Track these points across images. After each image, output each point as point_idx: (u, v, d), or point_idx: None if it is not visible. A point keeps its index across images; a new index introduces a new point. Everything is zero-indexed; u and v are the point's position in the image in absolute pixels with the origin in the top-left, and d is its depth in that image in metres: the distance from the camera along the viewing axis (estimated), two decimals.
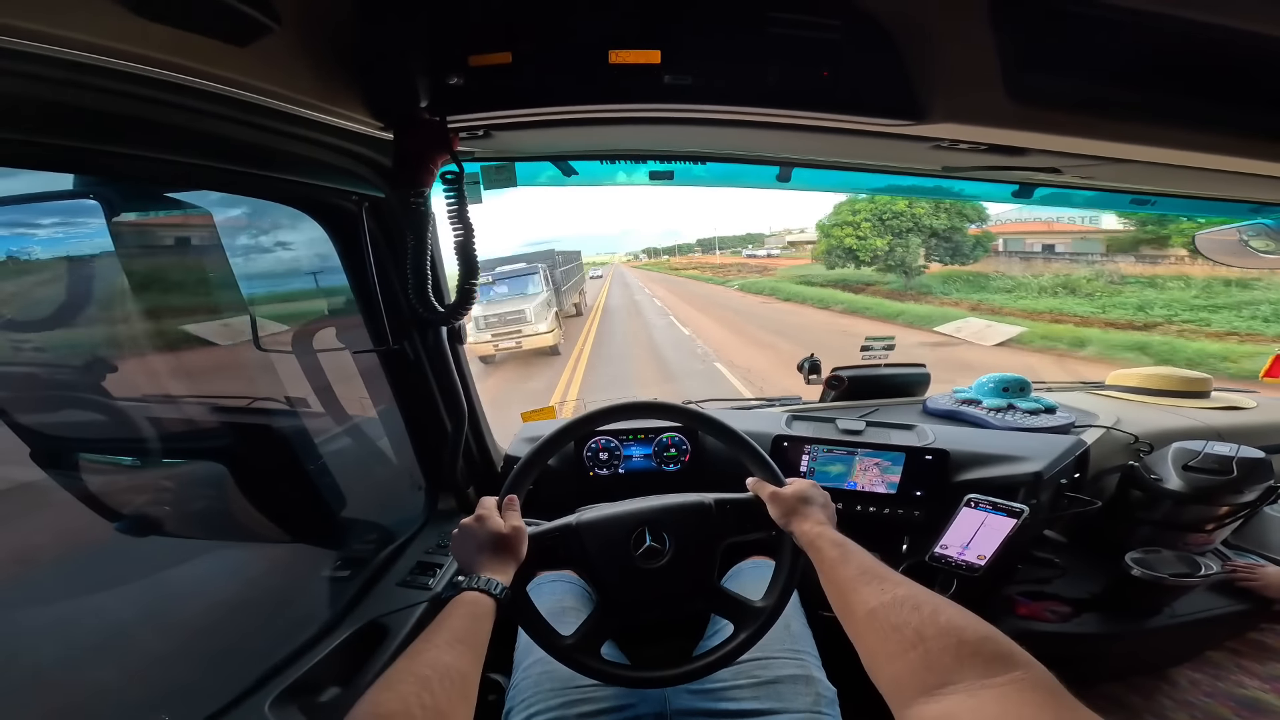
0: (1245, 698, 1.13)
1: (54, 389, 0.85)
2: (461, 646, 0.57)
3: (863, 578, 0.58)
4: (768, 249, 67.04)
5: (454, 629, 0.59)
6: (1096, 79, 0.65)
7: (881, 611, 0.52)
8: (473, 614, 0.62)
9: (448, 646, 0.56)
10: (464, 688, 0.54)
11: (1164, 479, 1.17)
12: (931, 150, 0.83)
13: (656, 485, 1.30)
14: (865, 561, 0.61)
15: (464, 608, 0.62)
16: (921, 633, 0.47)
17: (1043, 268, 18.19)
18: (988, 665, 0.42)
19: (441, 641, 0.56)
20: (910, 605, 0.50)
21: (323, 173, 0.77)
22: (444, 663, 0.53)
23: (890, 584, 0.55)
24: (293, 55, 0.54)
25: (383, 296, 0.95)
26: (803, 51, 0.63)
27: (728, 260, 62.54)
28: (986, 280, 17.23)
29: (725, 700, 0.79)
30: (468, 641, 0.58)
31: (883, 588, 0.55)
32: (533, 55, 0.63)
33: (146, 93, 0.50)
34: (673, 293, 25.58)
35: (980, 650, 0.43)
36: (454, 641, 0.57)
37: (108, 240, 0.77)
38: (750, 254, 65.40)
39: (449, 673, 0.53)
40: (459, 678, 0.53)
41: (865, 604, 0.54)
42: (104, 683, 0.70)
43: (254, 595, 0.98)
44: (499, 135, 0.86)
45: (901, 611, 0.50)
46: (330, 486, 1.07)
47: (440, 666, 0.53)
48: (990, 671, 0.41)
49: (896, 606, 0.51)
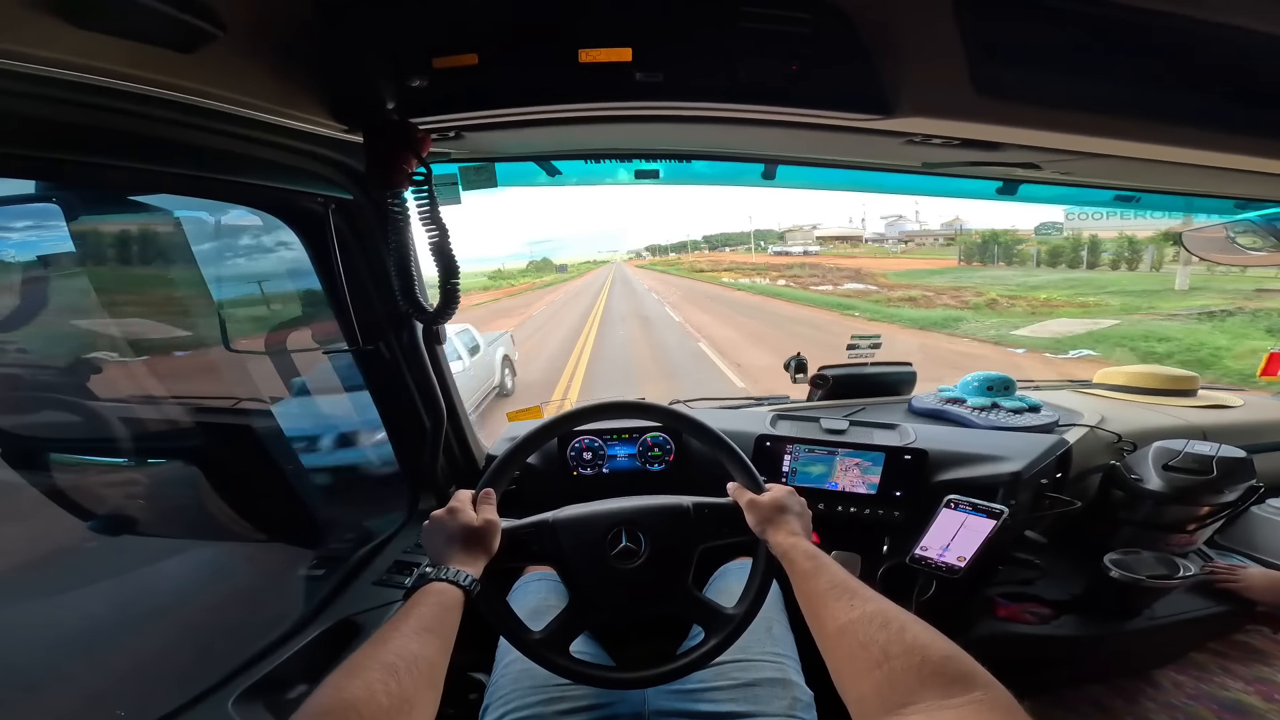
0: (1228, 700, 1.13)
1: (22, 389, 0.85)
2: (429, 635, 0.56)
3: (834, 592, 0.58)
4: (804, 246, 57.16)
5: (422, 617, 0.58)
6: (1065, 73, 0.64)
7: (850, 628, 0.51)
8: (440, 604, 0.61)
9: (415, 635, 0.55)
10: (431, 676, 0.53)
11: (1144, 479, 1.17)
12: (906, 146, 0.82)
13: (641, 485, 1.30)
14: (837, 576, 0.61)
15: (432, 597, 0.61)
16: (887, 650, 0.46)
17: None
18: (949, 686, 0.42)
19: (409, 630, 0.56)
20: (879, 622, 0.50)
21: (287, 176, 0.76)
22: (411, 651, 0.53)
23: (860, 599, 0.55)
24: (244, 60, 0.54)
25: (352, 297, 0.95)
26: (771, 46, 0.63)
27: (777, 260, 46.26)
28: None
29: (703, 701, 0.78)
30: (435, 630, 0.58)
31: (853, 603, 0.54)
32: (500, 56, 0.63)
33: (99, 101, 0.50)
34: (743, 334, 11.12)
35: (943, 670, 0.43)
36: (421, 630, 0.56)
37: (69, 242, 0.77)
38: (780, 251, 55.95)
39: (416, 661, 0.52)
40: (427, 666, 0.53)
41: (835, 619, 0.54)
42: (66, 679, 0.70)
43: (225, 593, 0.98)
44: (472, 136, 0.85)
45: (869, 628, 0.50)
46: (307, 486, 1.07)
47: (407, 654, 0.52)
48: (950, 692, 0.41)
49: (865, 623, 0.51)
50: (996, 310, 13.43)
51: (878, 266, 30.58)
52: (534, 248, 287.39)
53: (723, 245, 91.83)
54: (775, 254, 53.88)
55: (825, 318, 13.56)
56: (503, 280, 51.57)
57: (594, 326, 13.10)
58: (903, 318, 12.75)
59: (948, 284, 19.51)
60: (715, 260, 61.36)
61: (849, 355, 1.62)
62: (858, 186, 1.30)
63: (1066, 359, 8.14)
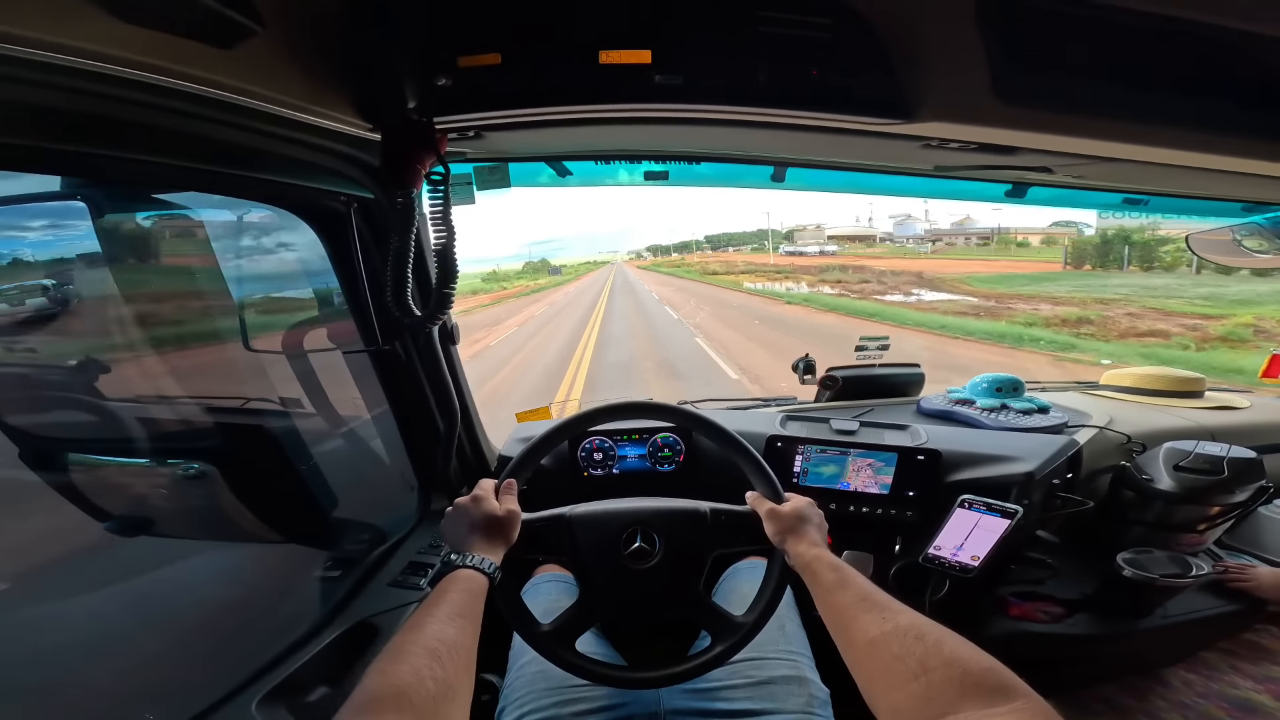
0: (1239, 699, 1.13)
1: (43, 389, 0.85)
2: (462, 620, 0.56)
3: (862, 605, 0.58)
4: (819, 245, 52.83)
5: (454, 603, 0.58)
6: (1084, 78, 0.65)
7: (883, 641, 0.52)
8: (470, 590, 0.61)
9: (449, 620, 0.55)
10: (468, 662, 0.54)
11: (1155, 479, 1.17)
12: (922, 149, 0.83)
13: (651, 485, 1.30)
14: (864, 588, 0.61)
15: (461, 583, 0.62)
16: (925, 663, 0.47)
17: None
18: (989, 696, 0.42)
19: (443, 615, 0.56)
20: (914, 636, 0.50)
21: (310, 174, 0.77)
22: (449, 636, 0.53)
23: (891, 613, 0.55)
24: (277, 57, 0.55)
25: (372, 297, 0.95)
26: (792, 51, 0.63)
27: (796, 261, 41.01)
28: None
29: (719, 700, 0.79)
30: (467, 616, 0.58)
31: (884, 616, 0.55)
32: (522, 56, 0.63)
33: (132, 95, 0.50)
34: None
35: (983, 682, 0.44)
36: (454, 615, 0.56)
37: (94, 241, 0.77)
38: (793, 251, 51.03)
39: (455, 647, 0.52)
40: (464, 652, 0.53)
41: (866, 633, 0.54)
42: (90, 681, 0.70)
43: (244, 595, 0.98)
44: (490, 136, 0.86)
45: (905, 642, 0.50)
46: (322, 487, 1.07)
47: (447, 640, 0.52)
48: (991, 702, 0.42)
49: (899, 636, 0.51)
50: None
51: (942, 269, 24.94)
52: (536, 248, 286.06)
53: (725, 245, 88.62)
54: (787, 254, 48.89)
55: (975, 351, 8.79)
56: (496, 283, 49.57)
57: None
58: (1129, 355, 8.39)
59: (1090, 296, 14.38)
60: (727, 261, 53.87)
61: (857, 356, 1.62)
62: (866, 189, 1.30)
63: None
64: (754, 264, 43.18)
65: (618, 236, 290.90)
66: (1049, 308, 14.06)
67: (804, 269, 32.56)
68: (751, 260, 50.04)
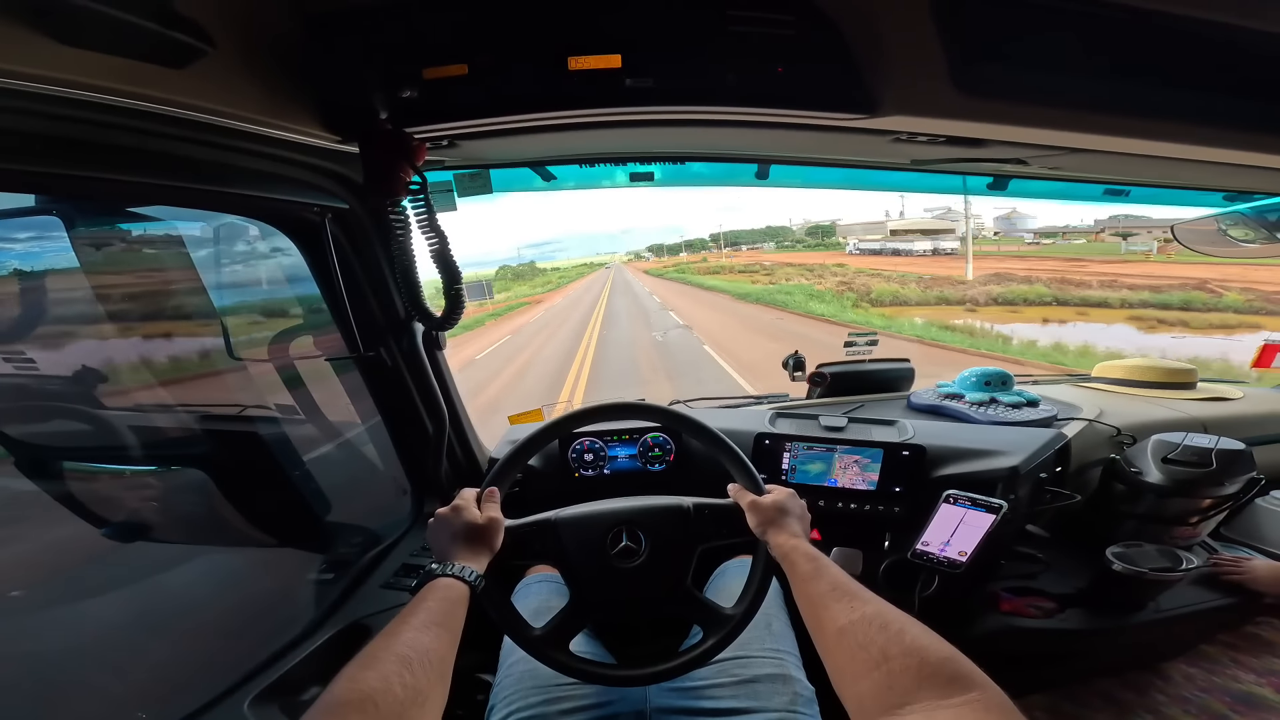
0: (1240, 692, 1.12)
1: (32, 398, 0.87)
2: (438, 629, 0.57)
3: (834, 594, 0.58)
4: (883, 242, 38.98)
5: (430, 611, 0.59)
6: (1048, 70, 0.65)
7: (850, 629, 0.52)
8: (447, 598, 0.62)
9: (425, 628, 0.56)
10: (441, 670, 0.54)
11: (1144, 472, 1.16)
12: (893, 144, 0.84)
13: (642, 485, 1.30)
14: (837, 578, 0.61)
15: (439, 592, 0.62)
16: (886, 652, 0.47)
17: None
18: (946, 686, 0.43)
19: (418, 623, 0.56)
20: (878, 624, 0.51)
21: (282, 186, 0.78)
22: (423, 644, 0.53)
23: (860, 602, 0.55)
24: (234, 74, 0.55)
25: (352, 304, 0.96)
26: (758, 49, 0.64)
27: (831, 259, 28.96)
28: None
29: (704, 699, 0.79)
30: (444, 625, 0.58)
31: (852, 605, 0.55)
32: (489, 66, 0.64)
33: (94, 117, 0.51)
34: None
35: (940, 671, 0.44)
36: (430, 624, 0.57)
37: (71, 254, 0.79)
38: (869, 250, 35.63)
39: (428, 654, 0.53)
40: (437, 659, 0.54)
41: (835, 621, 0.54)
42: (83, 681, 0.71)
43: (237, 598, 0.99)
44: (466, 144, 0.87)
45: (869, 630, 0.50)
46: (316, 492, 1.08)
47: (420, 647, 0.52)
48: (948, 693, 0.42)
49: (864, 625, 0.51)
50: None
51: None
52: (531, 250, 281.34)
53: (733, 244, 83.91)
54: (859, 253, 33.81)
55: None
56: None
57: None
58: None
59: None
60: (757, 260, 36.31)
61: (846, 352, 1.62)
62: (850, 184, 1.31)
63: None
64: (802, 263, 27.59)
65: (617, 237, 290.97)
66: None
67: (938, 283, 18.52)
68: (787, 260, 33.55)
